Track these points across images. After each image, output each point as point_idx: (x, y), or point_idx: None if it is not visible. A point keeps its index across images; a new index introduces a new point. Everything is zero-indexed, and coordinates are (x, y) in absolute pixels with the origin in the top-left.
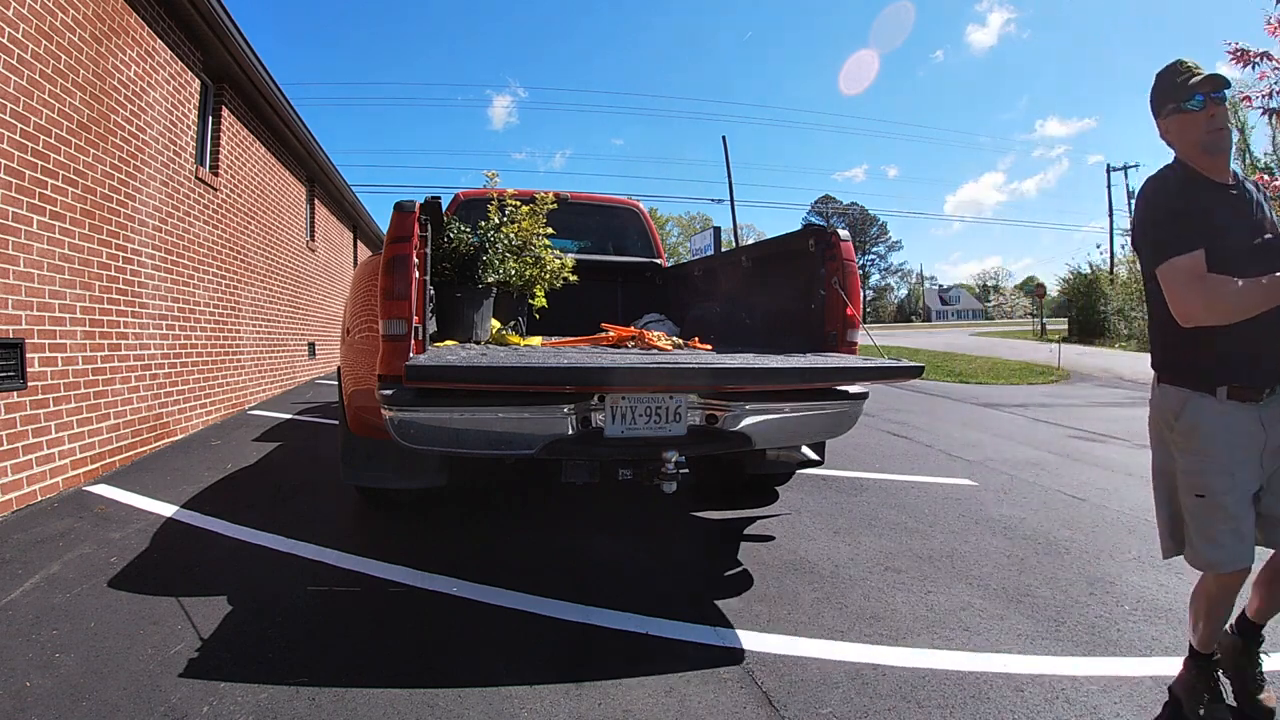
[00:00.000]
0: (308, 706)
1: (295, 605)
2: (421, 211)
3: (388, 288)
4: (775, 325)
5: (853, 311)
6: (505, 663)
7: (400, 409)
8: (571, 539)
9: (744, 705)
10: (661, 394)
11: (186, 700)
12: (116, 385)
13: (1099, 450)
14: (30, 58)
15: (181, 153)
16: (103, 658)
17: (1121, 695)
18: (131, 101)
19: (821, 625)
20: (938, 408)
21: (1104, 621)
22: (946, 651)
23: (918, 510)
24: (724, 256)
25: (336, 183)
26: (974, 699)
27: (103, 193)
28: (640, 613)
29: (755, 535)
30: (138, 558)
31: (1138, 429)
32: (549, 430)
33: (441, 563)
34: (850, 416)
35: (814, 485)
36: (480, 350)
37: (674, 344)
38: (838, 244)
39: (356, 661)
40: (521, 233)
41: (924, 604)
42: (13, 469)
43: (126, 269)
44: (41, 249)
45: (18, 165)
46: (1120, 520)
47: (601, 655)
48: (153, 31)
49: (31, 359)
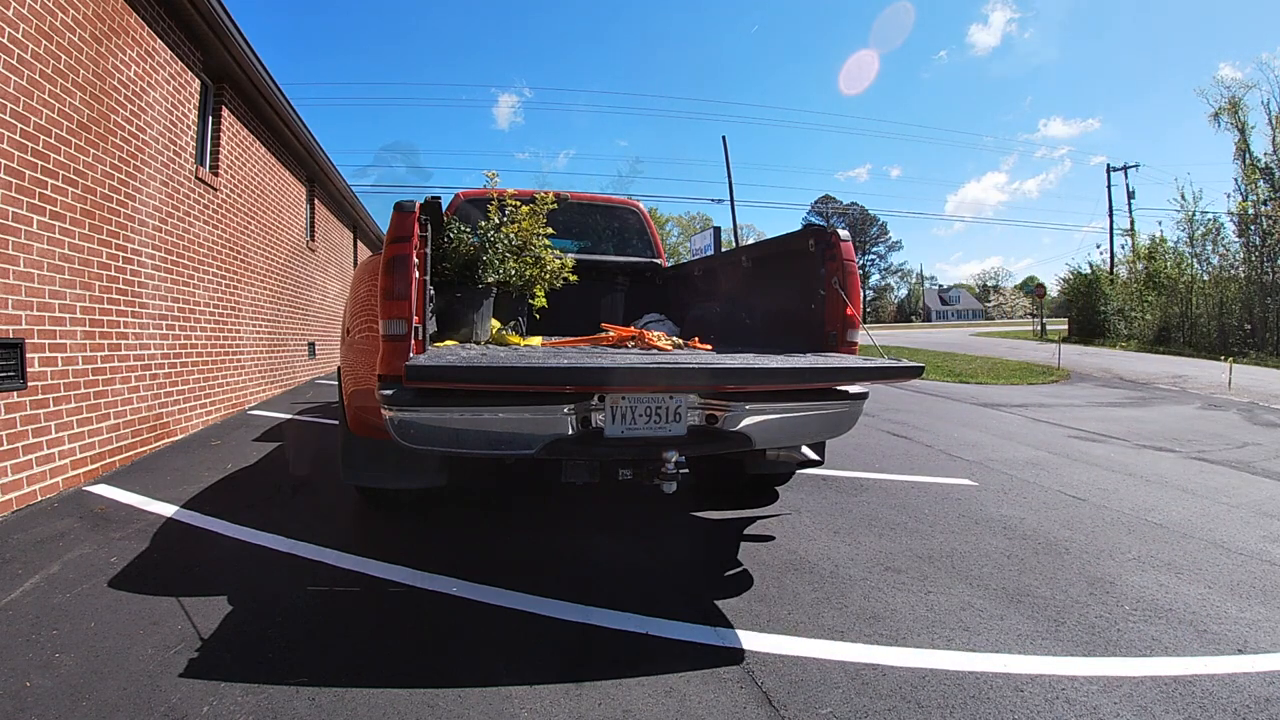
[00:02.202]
0: (308, 706)
1: (295, 605)
2: (421, 211)
3: (388, 288)
4: (775, 325)
5: (853, 311)
6: (505, 663)
7: (400, 409)
8: (571, 539)
9: (744, 705)
10: (661, 394)
11: (186, 700)
12: (116, 385)
13: (1099, 450)
14: (30, 58)
15: (181, 153)
16: (103, 658)
17: (1121, 695)
18: (131, 101)
19: (821, 625)
20: (938, 408)
21: (1104, 621)
22: (946, 651)
23: (918, 510)
24: (724, 256)
25: (337, 183)
26: (974, 699)
27: (103, 193)
28: (640, 613)
29: (755, 535)
30: (138, 558)
31: (1138, 429)
32: (549, 430)
33: (441, 563)
34: (850, 416)
35: (814, 485)
36: (480, 350)
37: (674, 344)
38: (838, 244)
39: (356, 661)
40: (521, 233)
41: (924, 604)
42: (13, 469)
43: (126, 269)
44: (42, 249)
45: (18, 165)
46: (1120, 520)
47: (601, 655)
48: (153, 31)
49: (31, 359)
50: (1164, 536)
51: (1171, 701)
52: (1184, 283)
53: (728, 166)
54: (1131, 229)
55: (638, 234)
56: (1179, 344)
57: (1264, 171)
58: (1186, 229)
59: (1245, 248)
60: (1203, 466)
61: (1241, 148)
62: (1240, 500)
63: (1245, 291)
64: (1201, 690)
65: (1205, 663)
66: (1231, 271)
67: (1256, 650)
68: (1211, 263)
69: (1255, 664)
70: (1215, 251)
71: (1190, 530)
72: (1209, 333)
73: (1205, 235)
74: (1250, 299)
